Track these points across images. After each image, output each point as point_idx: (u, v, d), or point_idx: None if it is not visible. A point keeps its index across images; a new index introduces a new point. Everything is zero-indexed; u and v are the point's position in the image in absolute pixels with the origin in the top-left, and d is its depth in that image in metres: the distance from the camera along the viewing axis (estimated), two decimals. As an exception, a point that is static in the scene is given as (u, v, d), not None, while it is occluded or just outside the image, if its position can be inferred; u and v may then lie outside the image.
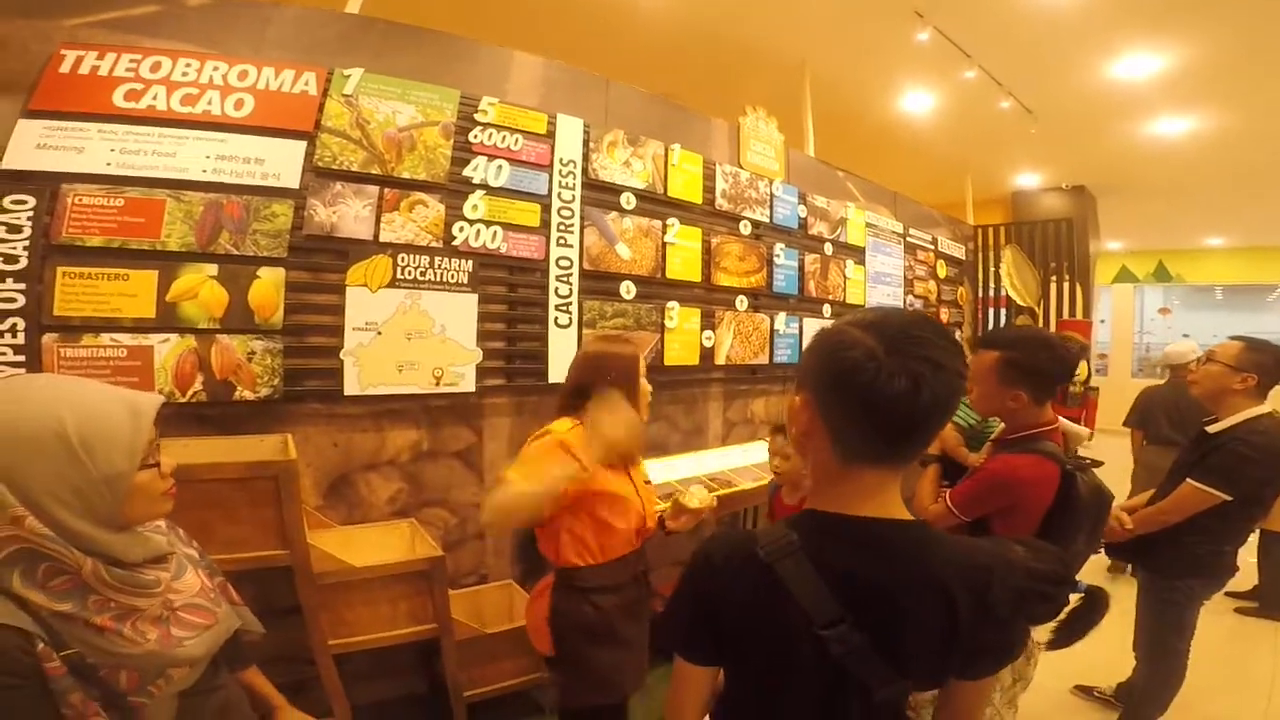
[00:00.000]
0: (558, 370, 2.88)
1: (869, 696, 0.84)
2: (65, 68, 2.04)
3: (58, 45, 2.05)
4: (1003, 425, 1.90)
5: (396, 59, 2.59)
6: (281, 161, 2.28)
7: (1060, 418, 1.92)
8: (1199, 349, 3.93)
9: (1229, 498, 2.10)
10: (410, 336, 2.47)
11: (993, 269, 6.49)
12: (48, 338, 1.94)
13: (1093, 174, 7.12)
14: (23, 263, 1.92)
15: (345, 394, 2.36)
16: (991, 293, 6.54)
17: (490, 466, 2.77)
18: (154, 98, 2.12)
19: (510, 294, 2.81)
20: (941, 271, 5.82)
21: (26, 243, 1.93)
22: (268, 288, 2.22)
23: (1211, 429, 2.23)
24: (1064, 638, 1.49)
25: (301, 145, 2.33)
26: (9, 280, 1.91)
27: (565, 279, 2.93)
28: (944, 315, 5.83)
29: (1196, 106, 5.13)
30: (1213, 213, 8.69)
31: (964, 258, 6.29)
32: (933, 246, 5.71)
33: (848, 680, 0.84)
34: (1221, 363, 2.23)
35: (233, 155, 2.21)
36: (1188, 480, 2.18)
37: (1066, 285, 6.30)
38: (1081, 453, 2.06)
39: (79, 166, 2.02)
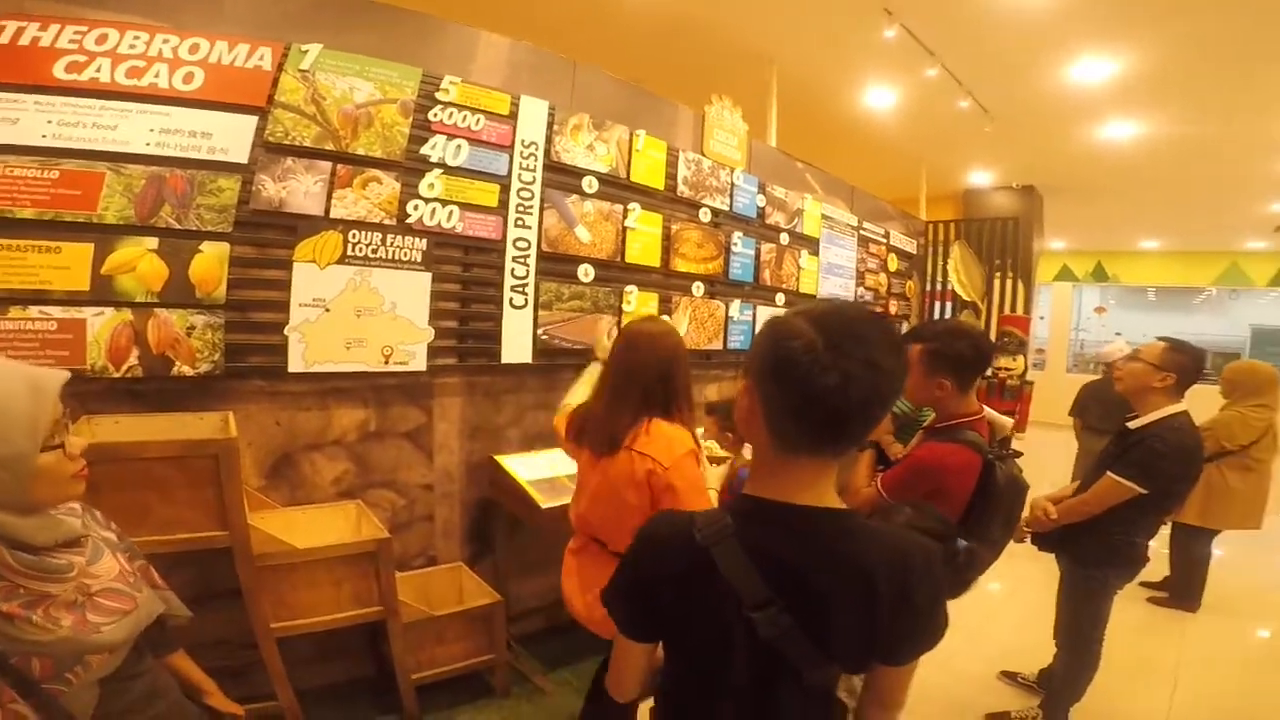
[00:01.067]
0: (511, 351, 2.87)
1: (800, 678, 0.87)
2: (4, 39, 1.92)
3: (-1, 17, 1.93)
4: (934, 415, 1.99)
5: (359, 35, 2.50)
6: (230, 136, 2.19)
7: (985, 408, 2.02)
8: (1128, 348, 4.19)
9: (1145, 491, 2.19)
10: (359, 314, 2.42)
11: (941, 263, 6.65)
12: (-31, 309, 1.84)
13: (1042, 174, 7.32)
14: (-55, 233, 1.82)
15: (290, 371, 2.30)
16: (939, 287, 6.71)
17: (440, 447, 2.75)
18: (97, 70, 2.02)
19: (465, 273, 2.76)
20: (892, 264, 5.95)
21: (-51, 214, 1.82)
22: (210, 262, 2.14)
23: (1132, 424, 2.33)
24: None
25: (253, 120, 2.24)
26: (-72, 249, 1.80)
27: (522, 260, 2.90)
28: (892, 307, 5.97)
29: (1142, 112, 5.29)
30: (1150, 216, 9.03)
31: (915, 252, 6.44)
32: (885, 240, 5.83)
33: (780, 662, 0.86)
34: (1145, 361, 2.32)
35: (178, 129, 2.12)
36: (1108, 473, 2.27)
37: (1009, 282, 6.50)
38: (1015, 445, 2.16)
39: (12, 138, 1.92)
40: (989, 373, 5.56)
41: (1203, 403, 2.81)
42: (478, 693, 2.61)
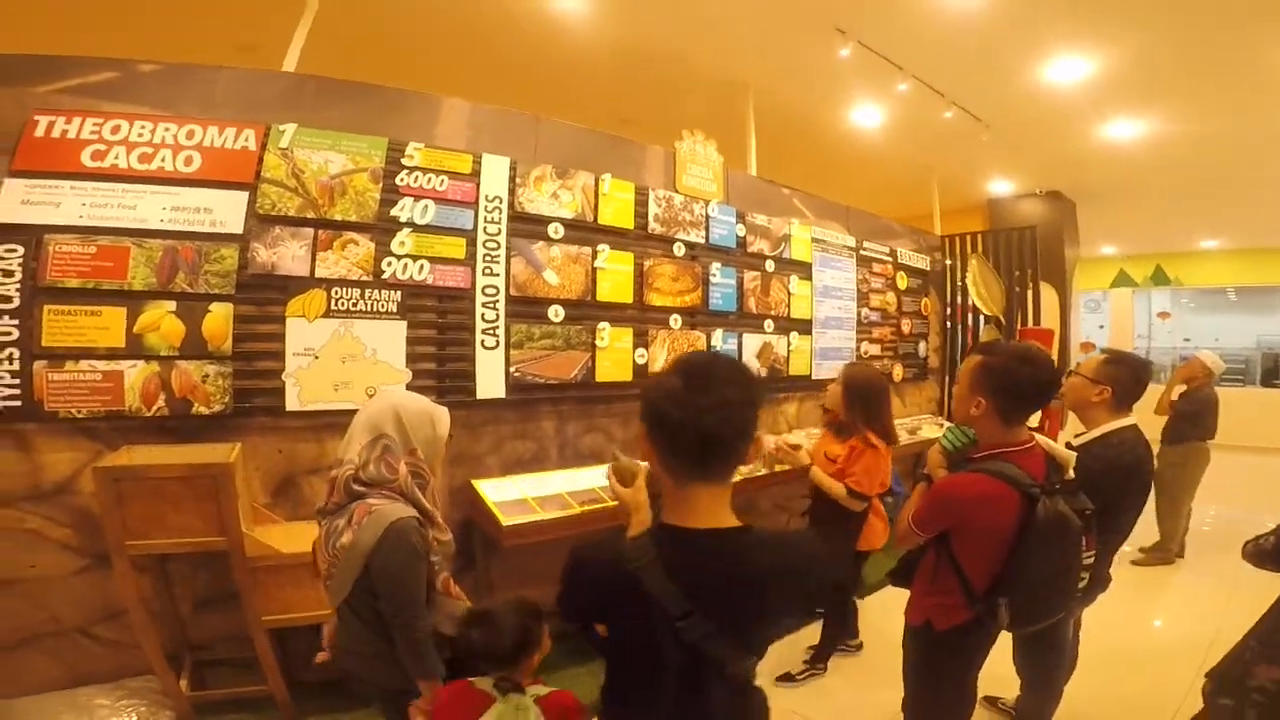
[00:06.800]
0: (486, 388, 3.40)
1: (723, 670, 1.16)
2: (40, 131, 2.55)
3: (31, 111, 2.54)
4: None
5: (332, 111, 3.13)
6: (227, 210, 2.82)
7: (1045, 440, 1.94)
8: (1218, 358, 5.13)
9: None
10: (344, 360, 3.01)
11: (960, 278, 6.86)
12: (37, 365, 2.50)
13: (1063, 179, 7.47)
14: (16, 302, 2.48)
15: (287, 410, 2.90)
16: (960, 301, 6.90)
17: (421, 472, 3.30)
18: (116, 157, 2.65)
19: (439, 319, 3.32)
20: (902, 283, 6.22)
21: (18, 285, 2.49)
22: (218, 320, 2.77)
23: (1075, 441, 2.36)
24: None
25: (244, 195, 2.86)
26: (5, 318, 2.47)
27: (492, 305, 3.44)
28: (905, 326, 6.24)
29: (1143, 110, 5.44)
30: (1198, 216, 8.98)
31: (928, 268, 6.68)
32: (891, 259, 6.11)
33: (705, 660, 1.13)
34: (1080, 375, 2.40)
35: (185, 206, 2.75)
36: None
37: (1030, 292, 6.66)
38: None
39: (57, 219, 2.54)
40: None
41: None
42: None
